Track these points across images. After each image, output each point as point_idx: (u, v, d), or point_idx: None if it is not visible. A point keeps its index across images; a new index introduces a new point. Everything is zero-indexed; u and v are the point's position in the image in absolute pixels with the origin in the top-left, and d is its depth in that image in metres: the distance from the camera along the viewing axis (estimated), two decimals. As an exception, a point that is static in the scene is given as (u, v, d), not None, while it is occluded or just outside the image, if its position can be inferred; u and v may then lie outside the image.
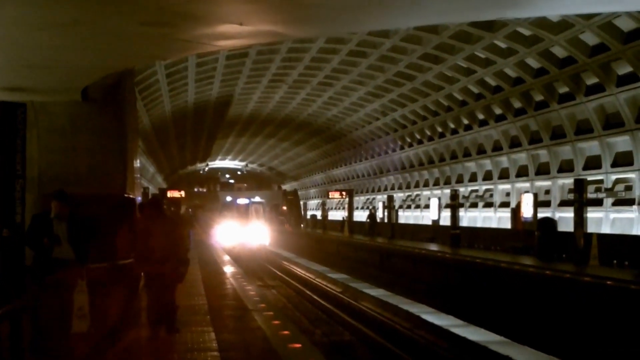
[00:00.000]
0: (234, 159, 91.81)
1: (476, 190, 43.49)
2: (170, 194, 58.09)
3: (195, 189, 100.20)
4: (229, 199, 47.89)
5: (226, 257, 31.98)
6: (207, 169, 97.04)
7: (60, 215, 9.57)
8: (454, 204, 42.27)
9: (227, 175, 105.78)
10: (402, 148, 53.23)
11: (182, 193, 63.56)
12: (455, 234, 36.11)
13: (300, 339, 10.84)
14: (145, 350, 10.37)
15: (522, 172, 38.14)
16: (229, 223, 42.49)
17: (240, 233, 40.76)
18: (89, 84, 15.17)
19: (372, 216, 49.44)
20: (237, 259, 34.32)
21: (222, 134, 67.71)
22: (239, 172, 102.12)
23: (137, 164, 27.70)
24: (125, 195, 17.78)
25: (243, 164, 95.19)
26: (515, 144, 37.91)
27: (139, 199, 21.28)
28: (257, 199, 47.70)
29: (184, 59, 34.62)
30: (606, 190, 30.43)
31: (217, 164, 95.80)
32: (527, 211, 35.02)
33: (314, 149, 71.31)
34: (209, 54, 35.26)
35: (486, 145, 41.01)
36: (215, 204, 60.21)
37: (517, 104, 35.84)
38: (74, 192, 10.32)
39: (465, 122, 41.78)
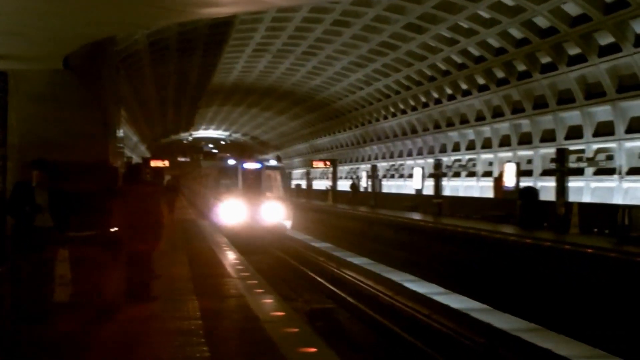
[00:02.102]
0: (217, 128, 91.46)
1: (459, 160, 43.64)
2: (153, 163, 57.77)
3: (181, 159, 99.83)
4: (230, 162, 31.08)
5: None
6: (190, 138, 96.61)
7: (41, 183, 9.53)
8: (437, 174, 42.46)
9: (211, 145, 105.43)
10: (385, 118, 53.21)
11: (166, 162, 63.20)
12: (438, 203, 36.31)
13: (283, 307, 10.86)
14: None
15: (504, 142, 38.28)
16: (231, 197, 29.08)
17: (248, 211, 28.32)
18: (70, 52, 14.99)
19: (353, 185, 49.89)
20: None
21: (205, 103, 67.31)
22: (222, 142, 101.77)
23: (120, 132, 27.59)
24: (108, 163, 17.70)
25: (227, 133, 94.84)
26: (497, 113, 38.00)
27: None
28: (273, 162, 33.05)
29: (167, 28, 34.26)
30: (587, 159, 30.63)
31: (201, 133, 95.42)
32: (509, 180, 35.26)
33: (297, 118, 71.13)
34: (192, 23, 34.90)
35: (469, 115, 41.08)
36: (210, 171, 37.94)
37: (499, 74, 35.88)
38: (56, 160, 10.25)
39: (449, 91, 41.78)
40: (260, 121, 79.52)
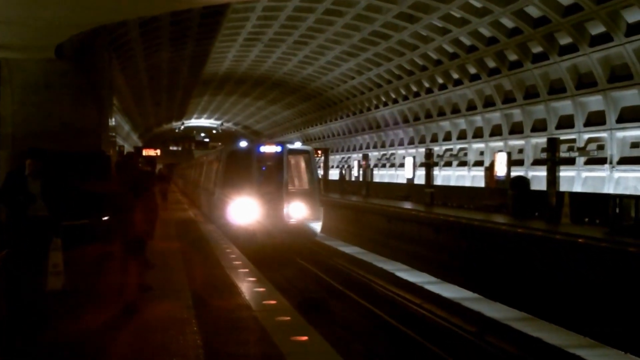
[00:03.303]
0: (209, 117, 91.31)
1: (450, 149, 43.70)
2: (145, 152, 57.69)
3: (173, 148, 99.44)
4: (242, 145, 24.21)
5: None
6: (182, 127, 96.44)
7: (34, 172, 9.47)
8: (429, 163, 42.53)
9: (203, 134, 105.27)
10: (377, 107, 53.21)
11: (158, 151, 63.12)
12: (430, 193, 36.43)
13: (275, 295, 10.84)
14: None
15: (496, 131, 38.33)
16: (243, 191, 22.50)
17: (266, 209, 22.18)
18: (62, 41, 14.95)
19: (341, 175, 50.84)
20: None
21: (198, 92, 67.27)
22: (214, 131, 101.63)
23: (112, 122, 27.55)
24: (101, 152, 17.71)
25: (218, 122, 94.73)
26: (489, 103, 38.02)
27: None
28: (298, 144, 25.38)
29: (159, 17, 34.16)
30: (578, 149, 30.66)
31: (193, 122, 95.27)
32: (500, 170, 35.37)
33: (289, 107, 71.09)
34: (185, 12, 34.81)
35: (460, 105, 41.11)
36: (214, 157, 28.93)
37: (491, 64, 35.89)
38: (49, 149, 10.23)
39: (440, 81, 41.78)
40: (253, 110, 79.44)
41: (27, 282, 9.20)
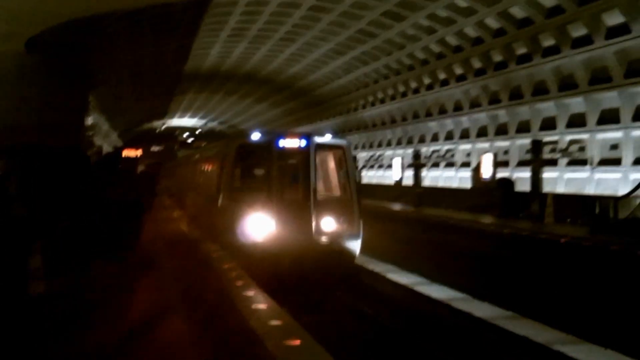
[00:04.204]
0: (193, 116, 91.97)
1: (438, 150, 45.14)
2: (126, 152, 58.47)
3: (155, 148, 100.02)
4: (256, 137, 18.58)
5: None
6: (164, 127, 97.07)
7: (7, 172, 9.69)
8: (417, 164, 44.20)
9: (186, 134, 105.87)
10: (364, 107, 54.62)
11: (139, 152, 63.75)
12: (419, 193, 38.01)
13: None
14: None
15: (482, 132, 39.81)
16: (257, 199, 18.04)
17: (288, 223, 17.66)
18: (34, 33, 15.57)
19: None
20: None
21: (181, 90, 68.00)
22: (197, 131, 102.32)
23: (89, 119, 28.20)
24: (78, 150, 18.41)
25: (203, 121, 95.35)
26: (475, 104, 39.54)
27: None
28: (329, 137, 19.66)
29: (139, 10, 34.97)
30: (561, 150, 32.22)
31: (175, 121, 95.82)
32: (486, 171, 37.06)
33: (277, 106, 72.19)
34: (166, 7, 35.68)
35: (447, 105, 42.60)
36: (216, 153, 22.07)
37: (477, 64, 37.39)
38: (24, 145, 10.73)
39: (427, 81, 43.28)
40: (239, 109, 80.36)
41: (7, 286, 9.04)
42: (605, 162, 30.09)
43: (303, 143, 18.39)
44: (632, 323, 15.48)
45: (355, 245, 18.41)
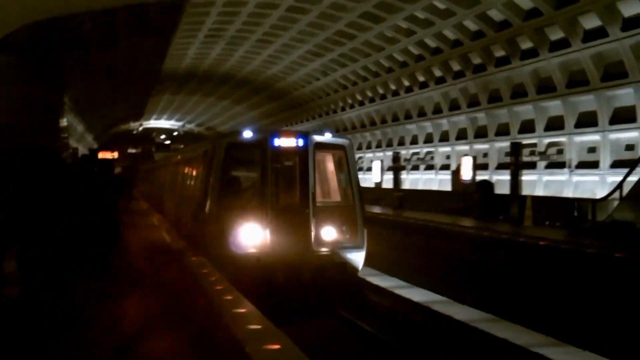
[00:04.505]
0: (170, 118, 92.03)
1: (417, 153, 45.57)
2: (101, 154, 58.40)
3: (131, 150, 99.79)
4: (248, 136, 17.22)
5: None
6: (140, 128, 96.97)
7: None
8: (396, 167, 44.70)
9: (163, 136, 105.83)
10: (343, 109, 55.00)
11: (115, 154, 63.57)
12: (399, 197, 38.46)
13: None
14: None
15: (461, 135, 40.28)
16: (248, 204, 17.01)
17: (282, 233, 16.54)
18: (7, 32, 15.57)
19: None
20: None
21: (157, 91, 67.98)
22: (175, 133, 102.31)
23: (64, 121, 28.12)
24: (52, 150, 18.49)
25: (180, 123, 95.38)
26: (455, 106, 40.00)
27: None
28: (329, 135, 18.16)
29: (115, 10, 35.05)
30: (540, 153, 32.77)
31: (152, 123, 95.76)
32: (466, 174, 37.57)
33: (255, 108, 72.38)
34: (141, 7, 35.79)
35: (427, 108, 43.04)
36: (201, 154, 19.91)
37: (456, 67, 37.89)
38: None
39: (406, 83, 43.72)
40: (217, 111, 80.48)
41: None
42: (583, 165, 30.61)
43: (300, 142, 17.05)
44: (610, 324, 15.90)
45: (358, 257, 17.15)
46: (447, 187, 40.50)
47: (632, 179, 24.98)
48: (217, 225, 16.65)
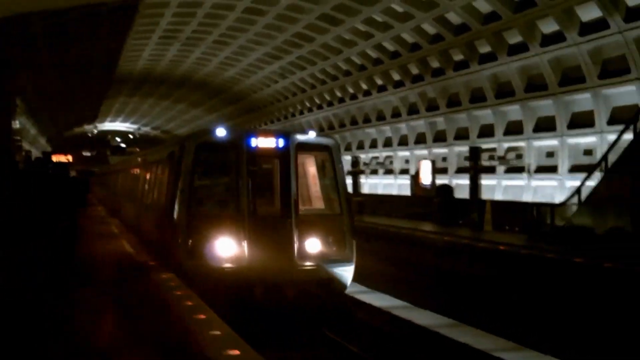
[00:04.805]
0: (125, 120, 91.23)
1: (377, 157, 45.60)
2: (55, 157, 57.66)
3: (86, 153, 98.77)
4: (221, 134, 14.95)
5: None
6: (95, 131, 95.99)
7: None
8: (355, 171, 44.64)
9: (118, 139, 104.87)
10: (301, 113, 54.88)
11: (70, 157, 62.86)
12: (358, 202, 38.41)
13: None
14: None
15: (420, 139, 40.37)
16: (220, 212, 15.23)
17: (260, 244, 14.59)
18: None
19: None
20: None
21: (112, 93, 67.31)
22: (130, 136, 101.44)
23: (17, 124, 27.73)
24: (6, 154, 18.13)
25: (135, 126, 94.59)
26: (413, 110, 40.06)
27: None
28: (313, 135, 15.93)
29: (66, 9, 34.49)
30: (499, 158, 32.93)
31: (107, 126, 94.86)
32: (425, 178, 37.64)
33: (213, 111, 71.92)
34: (93, 6, 35.33)
35: (385, 112, 43.07)
36: (166, 156, 17.47)
37: (414, 70, 37.94)
38: None
39: (365, 87, 43.70)
40: (173, 114, 79.93)
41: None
42: (541, 169, 30.83)
43: (281, 142, 15.14)
44: (568, 329, 15.97)
45: (346, 273, 15.25)
46: (407, 192, 40.57)
47: (591, 183, 25.17)
48: (186, 237, 14.70)
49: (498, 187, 33.25)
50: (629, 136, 24.33)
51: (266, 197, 15.32)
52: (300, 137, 15.45)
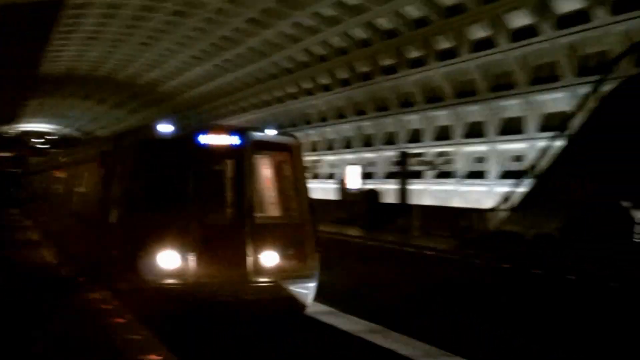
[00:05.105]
0: (46, 121, 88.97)
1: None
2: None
3: (3, 154, 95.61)
4: (165, 129, 12.23)
5: None
6: (10, 131, 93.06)
7: None
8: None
9: (39, 139, 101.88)
10: (225, 116, 53.74)
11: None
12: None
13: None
14: None
15: (348, 144, 39.61)
16: (163, 218, 12.17)
17: (210, 256, 11.98)
18: None
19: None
20: None
21: (32, 93, 65.28)
22: (51, 137, 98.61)
23: None
24: None
25: (57, 127, 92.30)
26: (341, 114, 39.29)
27: None
28: (272, 133, 12.98)
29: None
30: (427, 163, 32.32)
31: (27, 126, 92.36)
32: (352, 183, 36.84)
33: (138, 112, 70.37)
34: (14, 6, 33.89)
35: (312, 116, 42.20)
36: (97, 154, 14.89)
37: (342, 74, 37.14)
38: None
39: (292, 90, 42.75)
40: (96, 115, 78.19)
41: None
42: (471, 175, 30.38)
43: (235, 140, 12.74)
44: (493, 334, 15.41)
45: (307, 290, 12.98)
46: (334, 196, 39.75)
47: (520, 190, 24.81)
48: (123, 248, 12.56)
49: (426, 192, 32.68)
50: (560, 143, 24.01)
51: (217, 203, 12.95)
52: (257, 135, 12.99)
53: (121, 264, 12.36)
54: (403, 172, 32.34)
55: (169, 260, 11.91)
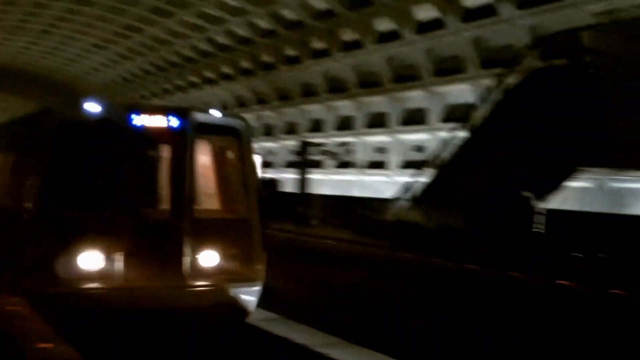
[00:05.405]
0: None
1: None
2: None
3: None
4: (93, 108, 9.45)
5: None
6: None
7: None
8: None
9: None
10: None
11: None
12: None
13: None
14: None
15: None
16: (87, 208, 9.83)
17: (144, 255, 9.79)
18: None
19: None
20: None
21: None
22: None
23: None
24: None
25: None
26: (242, 103, 38.11)
27: None
28: (217, 114, 10.16)
29: None
30: (328, 152, 31.64)
31: None
32: (252, 172, 35.87)
33: (34, 100, 67.25)
34: None
35: (213, 105, 40.92)
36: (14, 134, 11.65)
37: (245, 64, 35.81)
38: None
39: (193, 79, 41.31)
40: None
41: None
42: (372, 165, 29.85)
43: (174, 122, 10.31)
44: (401, 326, 14.94)
45: (251, 294, 10.94)
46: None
47: (421, 180, 24.47)
48: (38, 247, 10.00)
49: (327, 181, 31.98)
50: (463, 134, 23.72)
51: (151, 195, 10.86)
52: (200, 116, 10.50)
53: (34, 264, 9.91)
54: (303, 161, 31.54)
55: (92, 261, 9.93)
